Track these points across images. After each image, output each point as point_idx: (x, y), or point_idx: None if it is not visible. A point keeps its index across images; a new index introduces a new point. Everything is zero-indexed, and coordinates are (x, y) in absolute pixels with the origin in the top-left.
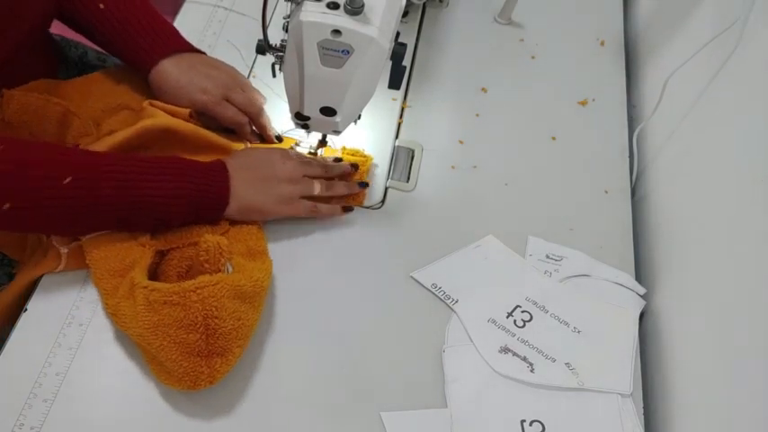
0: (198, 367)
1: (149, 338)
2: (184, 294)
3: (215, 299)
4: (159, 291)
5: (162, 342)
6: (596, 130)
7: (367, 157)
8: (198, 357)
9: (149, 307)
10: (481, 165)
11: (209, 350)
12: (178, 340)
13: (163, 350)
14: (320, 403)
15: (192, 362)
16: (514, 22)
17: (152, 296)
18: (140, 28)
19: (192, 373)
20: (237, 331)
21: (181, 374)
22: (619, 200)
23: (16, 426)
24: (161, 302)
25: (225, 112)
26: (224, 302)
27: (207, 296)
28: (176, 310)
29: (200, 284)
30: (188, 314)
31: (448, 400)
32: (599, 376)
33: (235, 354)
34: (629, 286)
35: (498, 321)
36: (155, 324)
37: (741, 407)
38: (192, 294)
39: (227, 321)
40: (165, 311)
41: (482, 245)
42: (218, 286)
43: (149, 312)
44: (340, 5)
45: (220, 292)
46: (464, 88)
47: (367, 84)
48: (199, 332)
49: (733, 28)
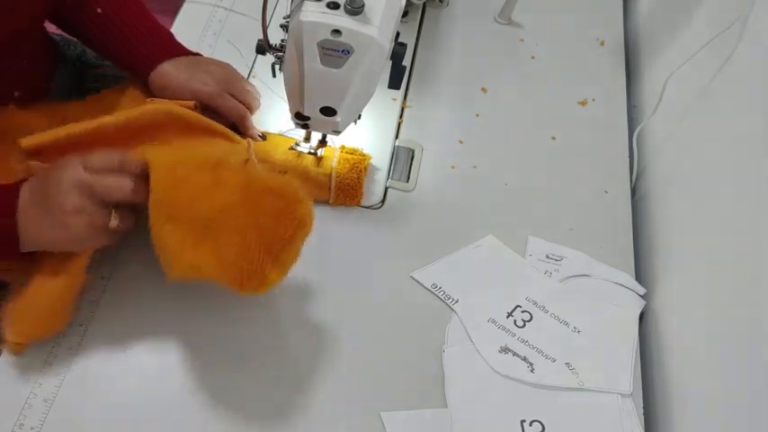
0: (265, 265)
1: (233, 219)
2: (291, 191)
3: (309, 209)
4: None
5: (248, 223)
6: (596, 130)
7: (365, 156)
8: (268, 255)
9: (246, 190)
10: (481, 165)
11: (278, 252)
12: (266, 229)
13: (244, 236)
14: (320, 403)
15: (263, 258)
16: (514, 22)
17: (268, 181)
18: (138, 33)
19: (260, 271)
20: (298, 252)
21: (248, 271)
22: (619, 200)
23: (16, 426)
24: (265, 189)
25: (226, 104)
26: (311, 218)
27: (306, 201)
28: (279, 202)
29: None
30: (289, 209)
31: (448, 400)
32: (599, 376)
33: (286, 268)
34: (629, 286)
35: (498, 321)
36: (250, 209)
37: (741, 407)
38: (297, 193)
39: (302, 239)
40: (268, 199)
41: (482, 245)
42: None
43: (246, 195)
44: (340, 5)
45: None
46: (464, 88)
47: (367, 84)
48: (291, 229)
49: (733, 28)
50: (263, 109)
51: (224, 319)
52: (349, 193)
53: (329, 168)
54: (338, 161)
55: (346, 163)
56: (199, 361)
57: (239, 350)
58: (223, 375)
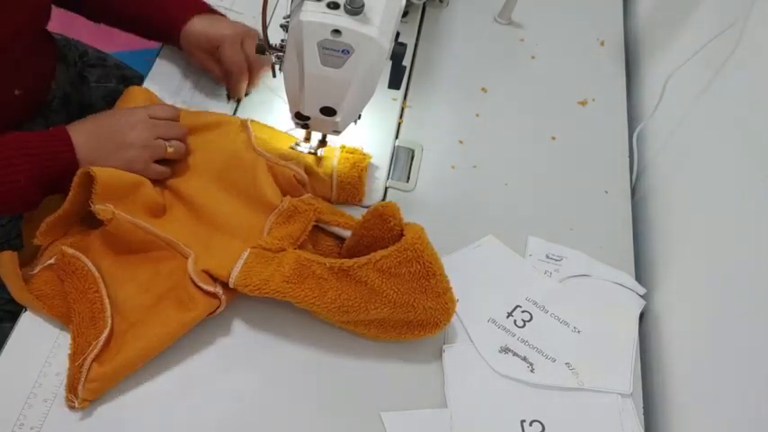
0: (444, 303)
1: (402, 300)
2: (411, 249)
3: (424, 245)
4: (388, 257)
5: (413, 297)
6: (596, 130)
7: (365, 155)
8: (437, 297)
9: (384, 273)
10: (481, 165)
11: (438, 291)
12: (421, 290)
13: (417, 303)
14: (320, 403)
15: (437, 301)
16: (514, 22)
17: (380, 264)
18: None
19: (444, 310)
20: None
21: (434, 318)
22: (619, 200)
23: (16, 426)
24: (396, 264)
25: (234, 53)
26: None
27: (421, 244)
28: (412, 266)
29: (415, 238)
30: (422, 263)
31: (448, 400)
32: (599, 376)
33: (450, 291)
34: (629, 286)
35: (498, 321)
36: (399, 287)
37: (740, 407)
38: (413, 249)
39: (436, 262)
40: (404, 270)
41: (482, 245)
42: (423, 238)
43: (387, 278)
44: (340, 5)
45: (424, 242)
46: (464, 88)
47: (367, 84)
48: (430, 276)
49: (733, 28)
50: (264, 109)
51: (224, 318)
52: (350, 191)
53: (330, 168)
54: (339, 160)
55: (347, 162)
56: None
57: (239, 350)
58: (223, 375)
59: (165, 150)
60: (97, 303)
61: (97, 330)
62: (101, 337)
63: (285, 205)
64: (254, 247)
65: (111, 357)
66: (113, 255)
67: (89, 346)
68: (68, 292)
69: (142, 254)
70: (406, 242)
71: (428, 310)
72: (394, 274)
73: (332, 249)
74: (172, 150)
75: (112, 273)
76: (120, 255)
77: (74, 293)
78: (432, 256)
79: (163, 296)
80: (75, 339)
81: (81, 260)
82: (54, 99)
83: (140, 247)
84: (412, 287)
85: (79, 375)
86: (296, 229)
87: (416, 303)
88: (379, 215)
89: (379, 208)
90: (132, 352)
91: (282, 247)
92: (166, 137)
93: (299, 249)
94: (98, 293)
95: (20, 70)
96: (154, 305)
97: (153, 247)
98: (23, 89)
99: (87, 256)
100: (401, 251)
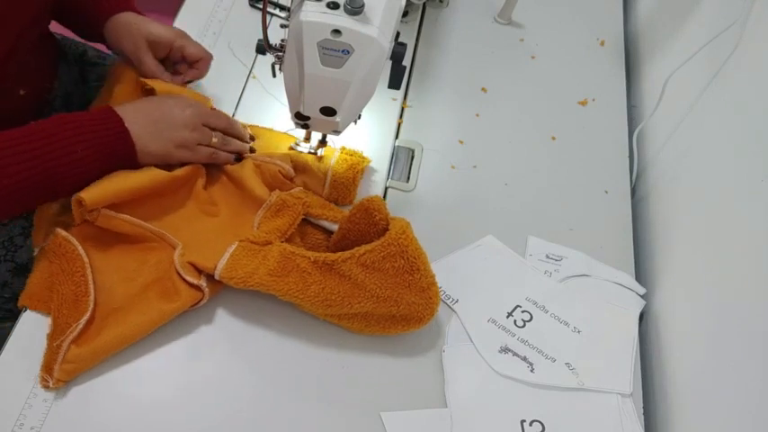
0: (428, 299)
1: (385, 294)
2: (395, 244)
3: (409, 240)
4: (371, 251)
5: (396, 291)
6: (596, 130)
7: (364, 158)
8: (421, 292)
9: (367, 268)
10: (481, 165)
11: (422, 286)
12: (405, 284)
13: (400, 298)
14: (321, 403)
15: (421, 296)
16: (514, 22)
17: (363, 258)
18: None
19: (428, 305)
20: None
21: (418, 313)
22: (619, 200)
23: (16, 426)
24: (379, 259)
25: (191, 44)
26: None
27: (405, 239)
28: (396, 260)
29: (399, 233)
30: (406, 258)
31: (448, 400)
32: (599, 376)
33: (435, 285)
34: (629, 286)
35: (498, 321)
36: (383, 281)
37: (740, 407)
38: (397, 243)
39: (420, 257)
40: (388, 264)
41: (482, 245)
42: (407, 233)
43: (370, 273)
44: (340, 5)
45: (408, 237)
46: (464, 88)
47: (367, 84)
48: (414, 271)
49: (732, 28)
50: (264, 109)
51: (224, 318)
52: (342, 191)
53: (326, 166)
54: (336, 160)
55: (344, 163)
56: (197, 361)
57: (239, 350)
58: (223, 375)
59: (210, 138)
60: (82, 286)
61: (79, 313)
62: (81, 319)
63: (273, 199)
64: (242, 241)
65: (89, 340)
66: (104, 244)
67: (69, 327)
68: (55, 273)
69: (131, 244)
70: (390, 237)
71: (412, 305)
72: (377, 268)
73: (321, 243)
74: (216, 141)
75: (101, 259)
76: (110, 244)
77: (60, 275)
78: (416, 251)
79: (148, 286)
80: (56, 320)
81: (72, 243)
82: (56, 98)
83: (130, 238)
84: (395, 282)
85: (56, 356)
86: (284, 223)
87: (400, 298)
88: (364, 209)
89: (364, 202)
90: (110, 337)
91: (269, 241)
92: (212, 126)
93: (287, 243)
94: (84, 277)
95: (25, 70)
96: (137, 294)
97: (142, 239)
98: (28, 89)
99: (78, 241)
100: (385, 246)
